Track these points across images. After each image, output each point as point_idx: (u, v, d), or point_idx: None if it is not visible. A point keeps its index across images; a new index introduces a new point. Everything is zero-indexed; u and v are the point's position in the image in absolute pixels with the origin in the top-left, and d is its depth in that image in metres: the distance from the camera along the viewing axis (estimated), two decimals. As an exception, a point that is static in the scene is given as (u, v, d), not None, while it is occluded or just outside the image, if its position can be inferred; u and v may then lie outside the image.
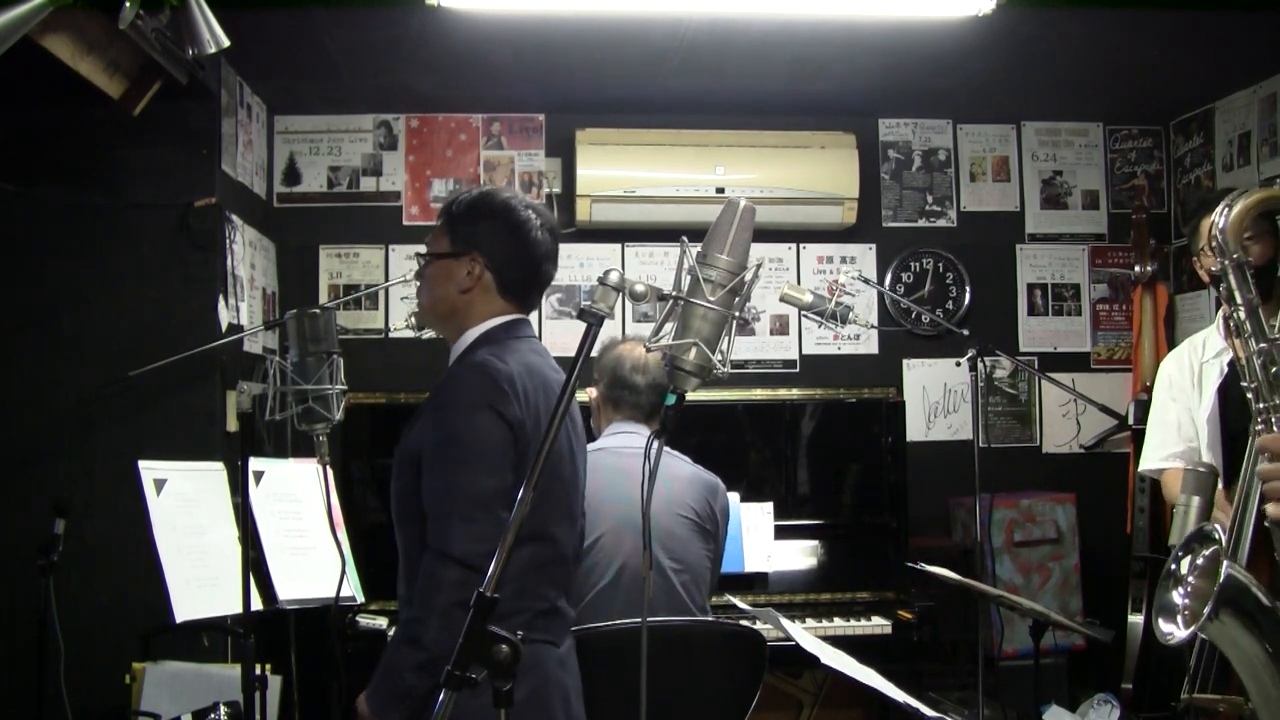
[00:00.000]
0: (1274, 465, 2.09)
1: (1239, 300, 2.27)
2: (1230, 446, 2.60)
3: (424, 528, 1.99)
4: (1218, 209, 2.33)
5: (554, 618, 2.12)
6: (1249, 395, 2.24)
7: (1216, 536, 1.91)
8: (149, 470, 2.48)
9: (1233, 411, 2.58)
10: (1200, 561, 1.91)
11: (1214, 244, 2.28)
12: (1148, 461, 2.94)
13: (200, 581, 2.48)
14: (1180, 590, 1.90)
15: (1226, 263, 2.29)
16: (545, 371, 2.13)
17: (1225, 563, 1.81)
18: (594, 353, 3.02)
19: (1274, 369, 2.19)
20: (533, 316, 2.24)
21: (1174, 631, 1.88)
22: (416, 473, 2.03)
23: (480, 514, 1.93)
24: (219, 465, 2.74)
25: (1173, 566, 1.94)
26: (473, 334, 2.15)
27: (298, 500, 2.73)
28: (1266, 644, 1.82)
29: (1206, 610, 1.78)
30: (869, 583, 3.80)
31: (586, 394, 3.08)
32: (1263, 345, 2.22)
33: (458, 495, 1.94)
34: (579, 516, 2.25)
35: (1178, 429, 2.85)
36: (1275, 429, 2.15)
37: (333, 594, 2.61)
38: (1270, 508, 2.11)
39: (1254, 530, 2.23)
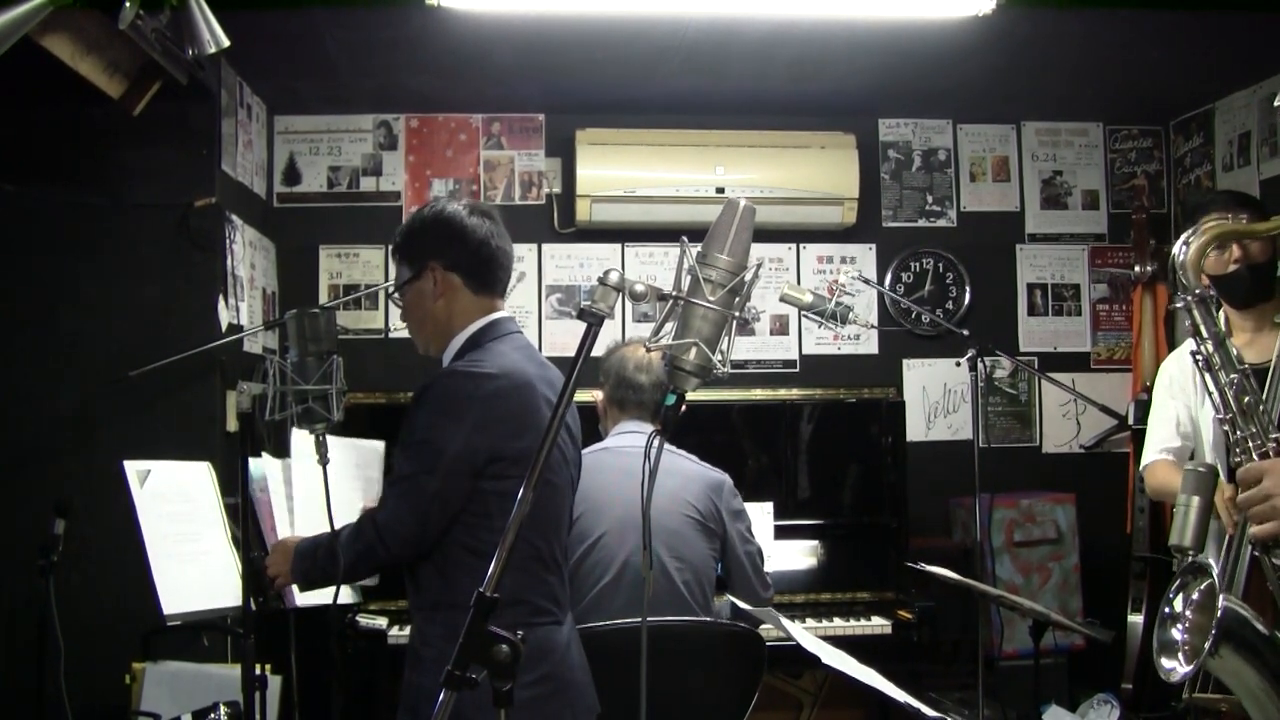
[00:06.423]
0: (1252, 493, 2.12)
1: (1205, 334, 2.29)
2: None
3: None
4: (1176, 245, 2.35)
5: (555, 600, 2.23)
6: (1225, 429, 2.27)
7: (1210, 569, 1.91)
8: (134, 469, 2.49)
9: None
10: (1196, 596, 1.91)
11: (1177, 280, 2.31)
12: (1145, 457, 2.96)
13: (188, 577, 2.48)
14: (1179, 626, 1.91)
15: (1189, 299, 2.30)
16: (526, 368, 2.21)
17: (1221, 596, 1.81)
18: (597, 355, 3.05)
19: (1246, 398, 2.21)
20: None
21: (1176, 668, 1.88)
22: None
23: (408, 501, 2.13)
24: (205, 464, 2.75)
25: (1167, 608, 1.94)
26: (458, 341, 2.27)
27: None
28: (1268, 674, 1.81)
29: (1207, 646, 1.78)
30: (869, 583, 3.80)
31: (593, 396, 3.08)
32: (1233, 376, 2.24)
33: (399, 480, 2.17)
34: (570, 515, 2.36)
35: (1175, 425, 2.88)
36: (1255, 457, 2.18)
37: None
38: (1254, 529, 2.14)
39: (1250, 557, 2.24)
